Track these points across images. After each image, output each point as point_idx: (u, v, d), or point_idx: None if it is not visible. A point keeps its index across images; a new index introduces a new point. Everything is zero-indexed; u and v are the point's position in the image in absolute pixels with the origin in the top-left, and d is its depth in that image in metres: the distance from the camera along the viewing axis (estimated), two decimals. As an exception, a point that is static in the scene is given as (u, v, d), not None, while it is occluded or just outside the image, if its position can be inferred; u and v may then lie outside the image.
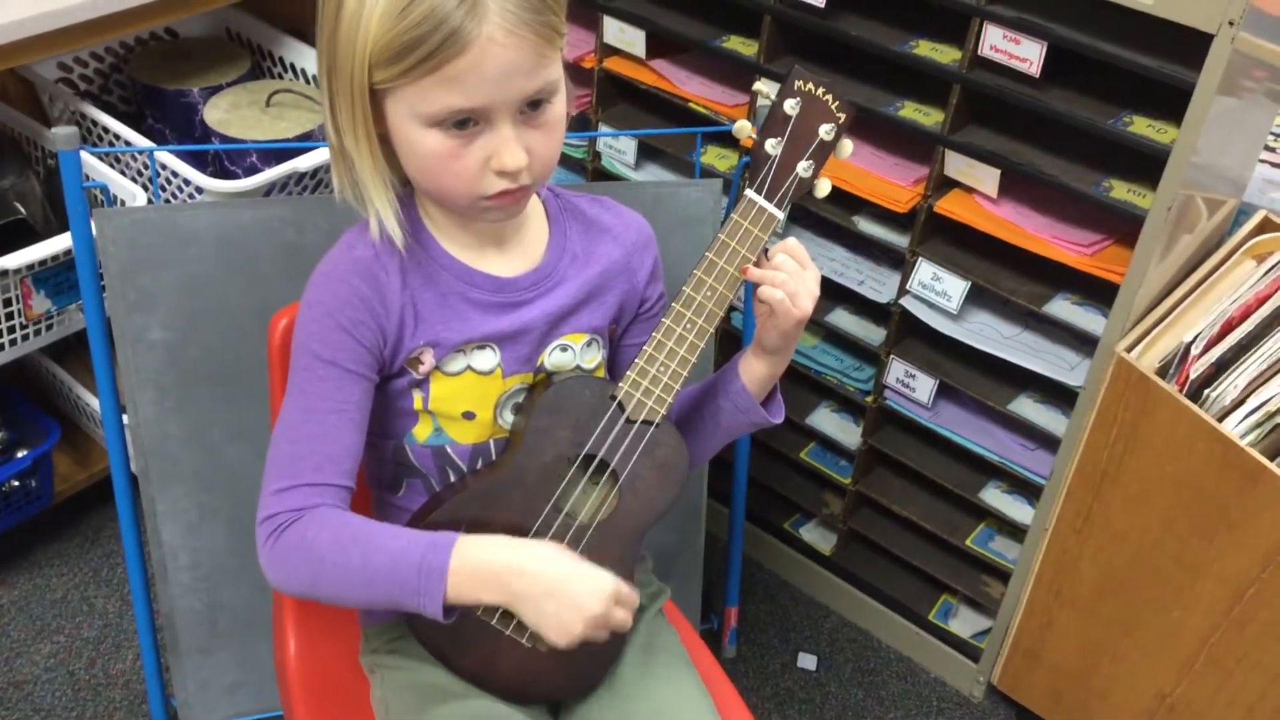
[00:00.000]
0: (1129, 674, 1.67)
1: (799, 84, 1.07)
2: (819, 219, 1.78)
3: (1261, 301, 1.52)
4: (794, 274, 1.09)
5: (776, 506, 2.06)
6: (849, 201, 1.67)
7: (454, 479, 1.14)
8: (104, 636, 1.88)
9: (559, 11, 0.98)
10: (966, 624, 1.92)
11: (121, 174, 1.74)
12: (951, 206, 1.58)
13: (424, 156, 0.99)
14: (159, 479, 1.51)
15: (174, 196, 1.72)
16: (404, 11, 0.92)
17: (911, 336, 1.74)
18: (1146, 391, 1.47)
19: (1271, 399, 1.45)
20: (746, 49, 1.69)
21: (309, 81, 2.00)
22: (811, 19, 1.59)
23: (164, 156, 1.69)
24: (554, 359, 1.14)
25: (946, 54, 1.53)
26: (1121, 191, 1.45)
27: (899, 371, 1.73)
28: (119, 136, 1.78)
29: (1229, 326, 1.49)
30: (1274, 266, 1.56)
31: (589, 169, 1.94)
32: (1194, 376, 1.45)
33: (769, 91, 1.11)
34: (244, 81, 1.98)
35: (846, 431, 1.88)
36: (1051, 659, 1.76)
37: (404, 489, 1.16)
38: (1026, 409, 1.66)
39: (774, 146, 1.08)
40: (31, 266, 1.65)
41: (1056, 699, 1.79)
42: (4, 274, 1.62)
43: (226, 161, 1.86)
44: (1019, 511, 1.74)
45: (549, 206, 1.16)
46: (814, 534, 2.05)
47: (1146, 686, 1.65)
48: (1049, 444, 1.66)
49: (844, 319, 1.81)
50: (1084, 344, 1.60)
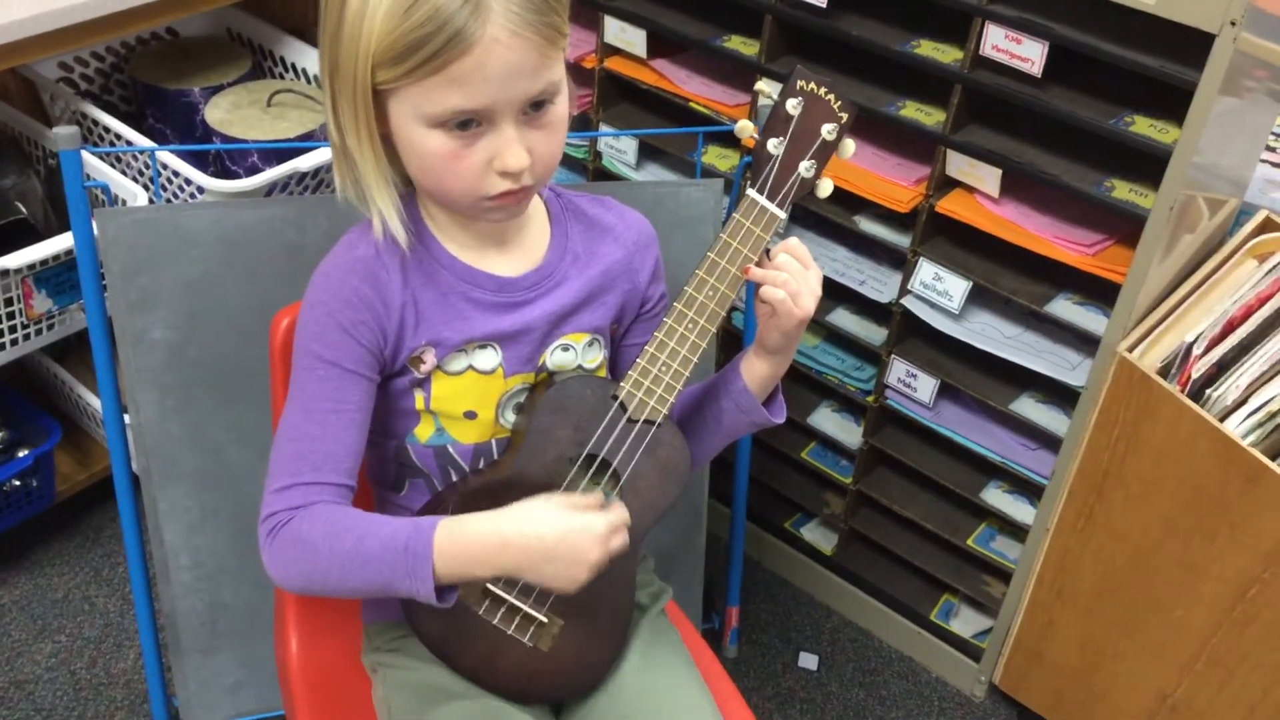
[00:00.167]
0: (1130, 674, 1.67)
1: (801, 84, 1.07)
2: (820, 219, 1.78)
3: (1263, 301, 1.52)
4: (796, 274, 1.09)
5: (777, 506, 2.06)
6: (850, 201, 1.67)
7: (456, 479, 1.15)
8: (105, 636, 1.88)
9: (562, 12, 0.98)
10: (968, 624, 1.92)
11: (122, 174, 1.74)
12: (953, 206, 1.58)
13: (427, 157, 0.99)
14: (160, 478, 1.51)
15: (175, 196, 1.72)
16: (408, 12, 0.92)
17: (913, 336, 1.74)
18: (1148, 391, 1.47)
19: (1273, 399, 1.45)
20: (747, 49, 1.69)
21: (310, 81, 2.00)
22: (813, 19, 1.59)
23: (165, 156, 1.69)
24: (555, 359, 1.15)
25: (948, 54, 1.53)
26: (1123, 191, 1.45)
27: (900, 371, 1.73)
28: (120, 136, 1.78)
29: (1230, 326, 1.49)
30: (1275, 266, 1.56)
31: (590, 169, 1.94)
32: (1196, 376, 1.45)
33: (771, 91, 1.11)
34: (245, 81, 1.98)
35: (848, 431, 1.88)
36: (1053, 659, 1.76)
37: (406, 488, 1.17)
38: (1028, 409, 1.66)
39: (776, 146, 1.08)
40: (33, 266, 1.65)
41: (1058, 699, 1.79)
42: (5, 273, 1.62)
43: (227, 161, 1.86)
44: (1020, 511, 1.74)
45: (550, 206, 1.16)
46: (815, 534, 2.05)
47: (1148, 686, 1.65)
48: (1050, 444, 1.66)
49: (845, 319, 1.81)
50: (1085, 344, 1.60)
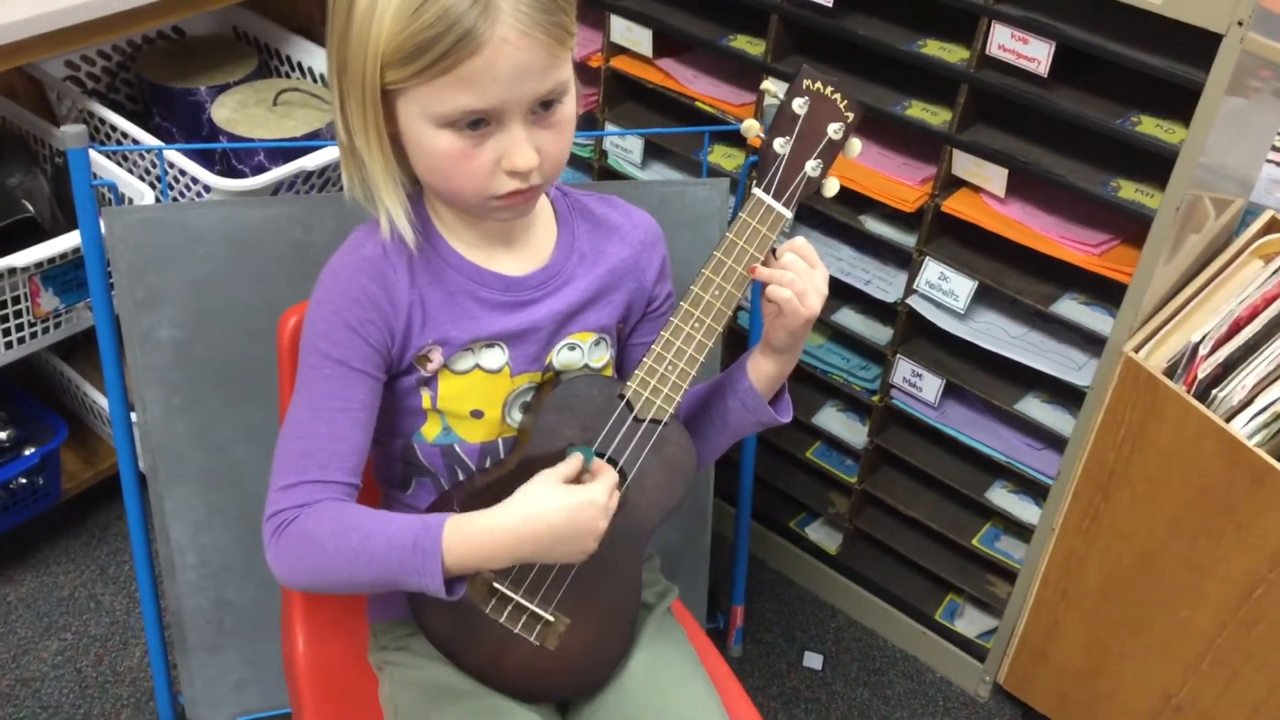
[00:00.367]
0: (1135, 674, 1.67)
1: (807, 83, 1.07)
2: (826, 218, 1.78)
3: (1269, 301, 1.51)
4: (802, 273, 1.09)
5: (783, 506, 2.06)
6: (856, 201, 1.67)
7: (462, 478, 1.15)
8: (111, 634, 1.88)
9: (570, 11, 0.98)
10: (972, 624, 1.92)
11: (129, 172, 1.74)
12: (959, 206, 1.58)
13: (435, 157, 1.00)
14: (167, 477, 1.52)
15: (182, 195, 1.72)
16: (417, 12, 0.92)
17: (918, 336, 1.74)
18: (1154, 391, 1.47)
19: (1279, 399, 1.45)
20: (754, 48, 1.69)
21: (316, 80, 2.00)
22: (819, 18, 1.59)
23: (172, 155, 1.69)
24: (562, 358, 1.15)
25: (954, 53, 1.53)
26: (1129, 191, 1.45)
27: (905, 371, 1.73)
28: (127, 135, 1.78)
29: (1237, 326, 1.49)
30: (1282, 266, 1.56)
31: (595, 168, 1.94)
32: (1202, 376, 1.45)
33: (777, 90, 1.11)
34: (251, 80, 1.98)
35: (853, 431, 1.88)
36: (1058, 659, 1.76)
37: (413, 487, 1.17)
38: (1033, 409, 1.66)
39: (782, 145, 1.08)
40: (40, 264, 1.65)
41: (1062, 699, 1.79)
42: (12, 272, 1.63)
43: (234, 160, 1.87)
44: (1025, 511, 1.74)
45: (557, 206, 1.17)
46: (820, 533, 2.05)
47: (1153, 686, 1.65)
48: (1056, 444, 1.66)
49: (851, 318, 1.81)
50: (1091, 344, 1.60)
